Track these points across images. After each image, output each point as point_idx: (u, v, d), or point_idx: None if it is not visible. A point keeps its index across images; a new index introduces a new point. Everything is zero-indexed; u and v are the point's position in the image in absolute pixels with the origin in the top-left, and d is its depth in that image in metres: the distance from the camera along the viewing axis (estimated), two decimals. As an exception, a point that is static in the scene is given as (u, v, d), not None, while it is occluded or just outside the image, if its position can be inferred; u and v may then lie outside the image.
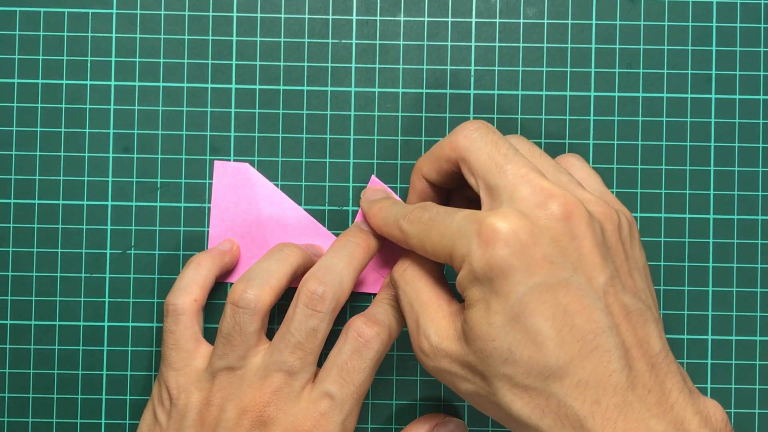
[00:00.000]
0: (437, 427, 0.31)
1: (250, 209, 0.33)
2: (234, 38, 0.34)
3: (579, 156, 0.30)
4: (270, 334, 0.31)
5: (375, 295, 0.33)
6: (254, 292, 0.28)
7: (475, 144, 0.26)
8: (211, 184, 0.33)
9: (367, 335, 0.28)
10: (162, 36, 0.34)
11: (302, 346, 0.28)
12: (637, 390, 0.24)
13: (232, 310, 0.28)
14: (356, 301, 0.33)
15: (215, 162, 0.33)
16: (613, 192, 0.33)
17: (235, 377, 0.28)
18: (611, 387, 0.23)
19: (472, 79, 0.34)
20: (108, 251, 0.33)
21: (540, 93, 0.34)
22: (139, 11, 0.34)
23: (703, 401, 0.25)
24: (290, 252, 0.30)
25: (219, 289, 0.33)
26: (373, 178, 0.33)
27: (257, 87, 0.34)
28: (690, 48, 0.34)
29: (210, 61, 0.34)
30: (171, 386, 0.29)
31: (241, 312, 0.28)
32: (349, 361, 0.28)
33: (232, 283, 0.33)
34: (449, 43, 0.34)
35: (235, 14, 0.34)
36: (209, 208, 0.33)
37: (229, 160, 0.33)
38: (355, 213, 0.33)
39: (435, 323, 0.27)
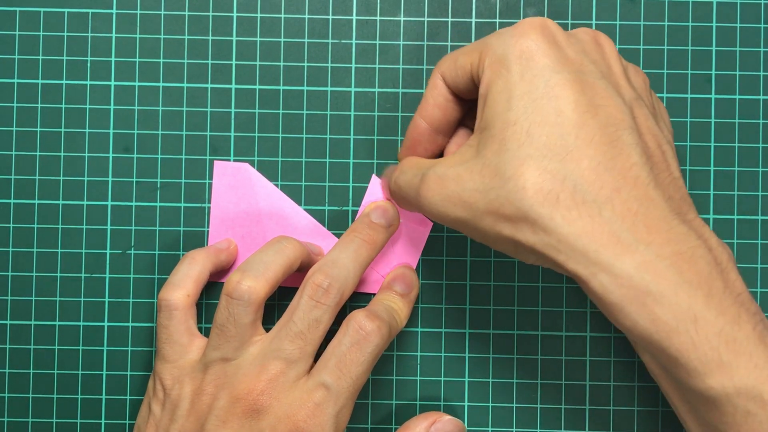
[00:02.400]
0: (434, 425, 0.31)
1: (250, 209, 0.33)
2: (234, 38, 0.34)
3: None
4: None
5: (375, 295, 0.33)
6: (249, 283, 0.28)
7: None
8: (211, 184, 0.33)
9: (368, 328, 0.28)
10: (162, 36, 0.34)
11: (303, 335, 0.28)
12: (660, 190, 0.23)
13: (227, 302, 0.28)
14: (356, 301, 0.33)
15: (215, 162, 0.33)
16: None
17: (230, 367, 0.28)
18: (632, 178, 0.23)
19: (472, 79, 0.34)
20: (108, 251, 0.33)
21: (540, 93, 0.34)
22: (139, 11, 0.34)
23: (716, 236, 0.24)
24: (288, 245, 0.30)
25: (219, 289, 0.33)
26: (374, 177, 0.33)
27: (257, 87, 0.34)
28: (690, 48, 0.34)
29: (210, 61, 0.34)
30: (165, 378, 0.29)
31: (235, 303, 0.28)
32: (348, 353, 0.28)
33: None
34: (449, 43, 0.34)
35: (235, 14, 0.34)
36: (209, 208, 0.33)
37: (229, 160, 0.33)
38: (355, 213, 0.33)
39: (441, 162, 0.27)
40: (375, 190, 0.33)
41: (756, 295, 0.33)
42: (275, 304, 0.33)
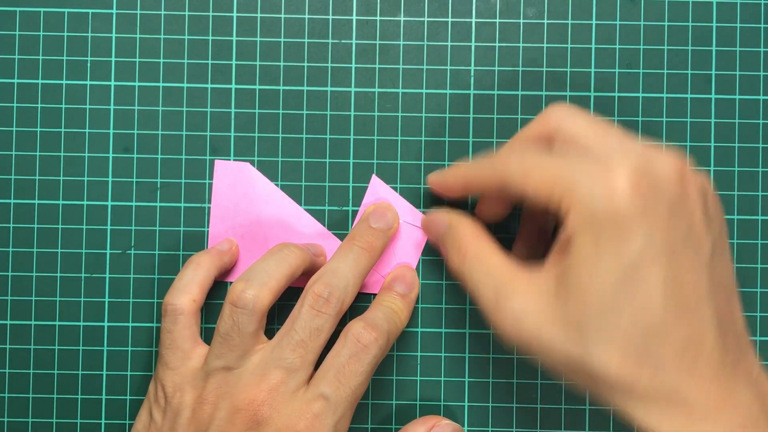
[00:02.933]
0: (433, 429, 0.31)
1: (251, 209, 0.33)
2: (234, 38, 0.34)
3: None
4: (269, 333, 0.31)
5: (375, 295, 0.33)
6: (253, 292, 0.28)
7: (571, 115, 0.26)
8: (211, 184, 0.33)
9: (366, 340, 0.28)
10: (162, 36, 0.34)
11: (305, 344, 0.28)
12: (728, 356, 0.24)
13: (231, 310, 0.28)
14: (357, 302, 0.33)
15: (216, 161, 0.33)
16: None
17: (232, 376, 0.28)
18: (707, 353, 0.23)
19: (472, 79, 0.34)
20: (108, 251, 0.33)
21: (540, 93, 0.34)
22: (139, 11, 0.34)
23: None
24: (290, 252, 0.30)
25: (218, 288, 0.33)
26: (374, 177, 0.33)
27: (257, 87, 0.34)
28: (690, 48, 0.34)
29: (210, 61, 0.34)
30: (167, 385, 0.29)
31: (239, 312, 0.28)
32: (347, 364, 0.28)
33: (231, 283, 0.33)
34: (449, 43, 0.34)
35: (235, 14, 0.34)
36: (209, 207, 0.33)
37: (230, 160, 0.33)
38: (355, 213, 0.33)
39: (516, 290, 0.26)
40: (375, 191, 0.33)
41: (756, 295, 0.33)
42: (276, 305, 0.33)
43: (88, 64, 0.34)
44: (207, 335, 0.33)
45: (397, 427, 0.33)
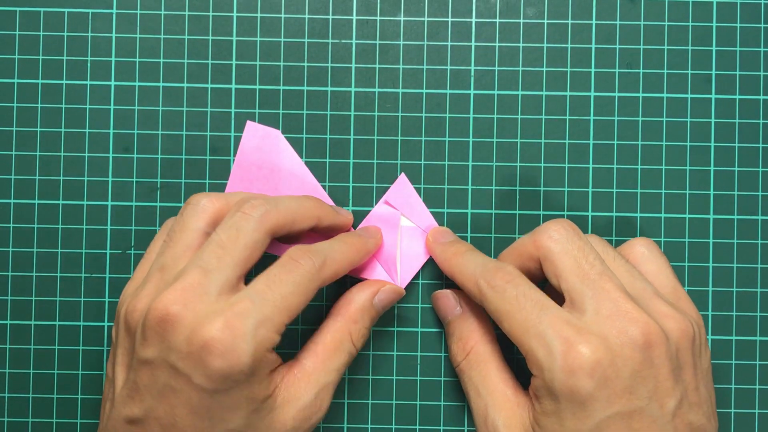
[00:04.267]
0: (379, 293, 0.31)
1: (272, 176, 0.33)
2: (234, 38, 0.34)
3: (648, 242, 0.30)
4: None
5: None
6: (208, 197, 0.28)
7: (561, 246, 0.27)
8: (211, 184, 0.33)
9: (297, 256, 0.27)
10: (162, 36, 0.34)
11: (222, 244, 0.27)
12: None
13: (183, 209, 0.28)
14: (356, 301, 0.33)
15: (248, 122, 0.33)
16: (612, 193, 0.33)
17: (162, 281, 0.27)
18: None
19: (472, 79, 0.34)
20: (108, 251, 0.33)
21: (540, 93, 0.34)
22: (139, 11, 0.34)
23: None
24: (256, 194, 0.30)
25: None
26: (402, 176, 0.33)
27: (257, 87, 0.34)
28: (690, 48, 0.34)
29: (210, 61, 0.34)
30: (119, 300, 0.29)
31: (189, 208, 0.28)
32: (277, 273, 0.27)
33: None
34: (449, 43, 0.34)
35: (235, 14, 0.34)
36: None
37: (230, 160, 0.33)
38: (355, 213, 0.33)
39: (504, 414, 0.28)
40: (400, 189, 0.33)
41: (756, 295, 0.33)
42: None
43: (88, 64, 0.34)
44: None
45: (397, 427, 0.33)
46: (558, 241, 0.27)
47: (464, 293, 0.31)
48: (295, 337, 0.33)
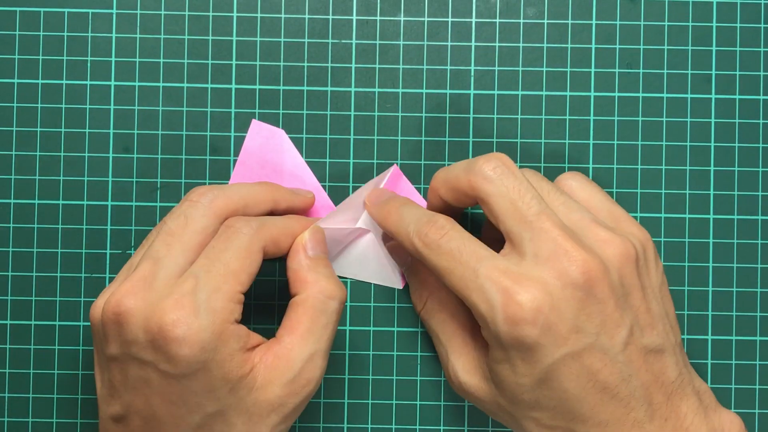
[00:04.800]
0: (305, 245, 0.29)
1: (274, 175, 0.33)
2: (234, 38, 0.34)
3: (576, 174, 0.30)
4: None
5: (376, 286, 0.33)
6: (213, 192, 0.28)
7: (496, 188, 0.27)
8: (210, 184, 0.33)
9: (232, 223, 0.27)
10: (162, 36, 0.34)
11: (172, 232, 0.27)
12: (654, 422, 0.25)
13: (181, 201, 0.28)
14: (357, 301, 0.33)
15: (252, 120, 0.33)
16: (612, 193, 0.33)
17: (119, 281, 0.27)
18: (630, 422, 0.25)
19: (472, 79, 0.34)
20: (108, 251, 0.33)
21: (540, 93, 0.34)
22: (139, 11, 0.34)
23: (719, 416, 0.26)
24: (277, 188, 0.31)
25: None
26: (395, 167, 0.33)
27: (257, 87, 0.34)
28: (690, 48, 0.34)
29: (210, 61, 0.34)
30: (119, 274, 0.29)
31: (191, 204, 0.28)
32: (216, 244, 0.27)
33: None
34: (449, 43, 0.34)
35: (235, 14, 0.34)
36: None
37: (230, 160, 0.33)
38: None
39: (462, 359, 0.29)
40: (395, 180, 0.33)
41: (756, 295, 0.33)
42: (275, 305, 0.33)
43: (88, 64, 0.34)
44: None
45: (398, 427, 0.33)
46: (493, 182, 0.26)
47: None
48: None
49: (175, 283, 0.26)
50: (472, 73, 0.34)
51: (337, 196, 0.33)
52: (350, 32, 0.34)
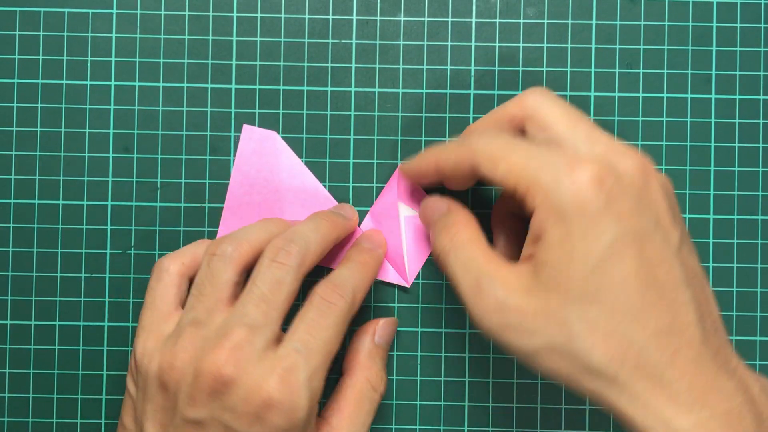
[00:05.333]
0: (376, 332, 0.31)
1: (271, 177, 0.33)
2: (234, 38, 0.34)
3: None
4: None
5: (387, 284, 0.33)
6: (232, 244, 0.28)
7: (547, 102, 0.27)
8: (211, 184, 0.33)
9: (332, 298, 0.27)
10: (162, 36, 0.34)
11: (266, 298, 0.27)
12: (709, 346, 0.24)
13: (208, 260, 0.28)
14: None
15: (244, 125, 0.33)
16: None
17: (198, 337, 0.26)
18: (687, 339, 0.24)
19: (472, 79, 0.34)
20: (108, 251, 0.33)
21: (540, 93, 0.34)
22: (139, 11, 0.34)
23: (755, 373, 0.26)
24: (273, 223, 0.30)
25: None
26: (398, 171, 0.33)
27: (257, 87, 0.34)
28: (690, 48, 0.34)
29: (210, 61, 0.34)
30: (138, 351, 0.28)
31: (216, 259, 0.28)
32: (316, 319, 0.27)
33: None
34: (449, 43, 0.34)
35: (235, 14, 0.34)
36: (209, 207, 0.33)
37: (230, 160, 0.33)
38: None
39: (500, 279, 0.26)
40: (393, 186, 0.33)
41: (756, 295, 0.33)
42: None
43: (88, 64, 0.34)
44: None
45: (398, 427, 0.33)
46: (544, 98, 0.27)
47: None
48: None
49: (274, 354, 0.26)
50: (472, 73, 0.34)
51: (337, 196, 0.33)
52: (350, 32, 0.34)
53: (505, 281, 0.25)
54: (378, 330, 0.31)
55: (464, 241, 0.28)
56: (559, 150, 0.25)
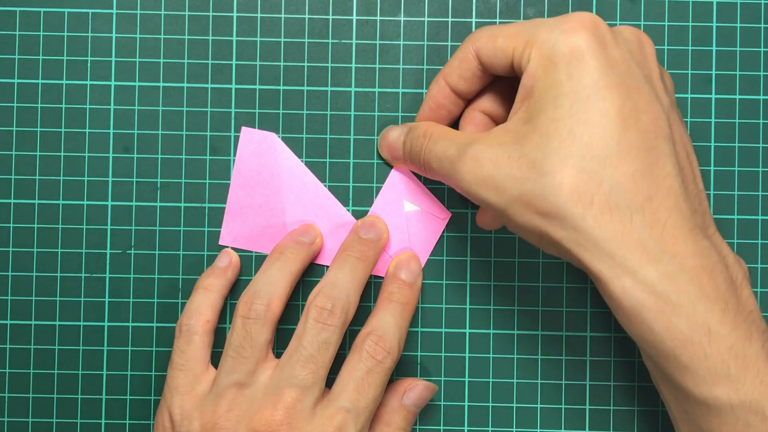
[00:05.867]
0: (407, 392, 0.31)
1: (272, 179, 0.33)
2: (234, 38, 0.34)
3: None
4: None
5: (380, 278, 0.33)
6: (263, 302, 0.28)
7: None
8: (210, 185, 0.33)
9: (380, 355, 0.28)
10: (162, 36, 0.34)
11: (314, 359, 0.27)
12: (688, 201, 0.24)
13: (243, 322, 0.28)
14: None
15: (242, 128, 0.33)
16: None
17: (244, 397, 0.27)
18: (665, 188, 0.23)
19: (472, 79, 0.34)
20: (108, 251, 0.33)
21: (540, 93, 0.34)
22: (139, 11, 0.34)
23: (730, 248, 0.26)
24: (291, 256, 0.30)
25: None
26: (393, 172, 0.33)
27: (257, 87, 0.34)
28: (690, 48, 0.34)
29: (210, 61, 0.34)
30: (174, 412, 0.28)
31: (251, 322, 0.28)
32: (365, 377, 0.28)
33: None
34: (449, 43, 0.34)
35: (235, 14, 0.34)
36: (209, 207, 0.33)
37: (230, 160, 0.33)
38: (355, 212, 0.33)
39: (480, 140, 0.26)
40: (393, 182, 0.33)
41: (756, 295, 0.33)
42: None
43: (88, 64, 0.34)
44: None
45: (397, 427, 0.33)
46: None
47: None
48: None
49: (323, 412, 0.27)
50: (472, 73, 0.34)
51: (338, 196, 0.33)
52: (350, 32, 0.34)
53: (484, 141, 0.26)
54: (409, 391, 0.31)
55: (440, 133, 0.29)
56: (558, 16, 0.26)
